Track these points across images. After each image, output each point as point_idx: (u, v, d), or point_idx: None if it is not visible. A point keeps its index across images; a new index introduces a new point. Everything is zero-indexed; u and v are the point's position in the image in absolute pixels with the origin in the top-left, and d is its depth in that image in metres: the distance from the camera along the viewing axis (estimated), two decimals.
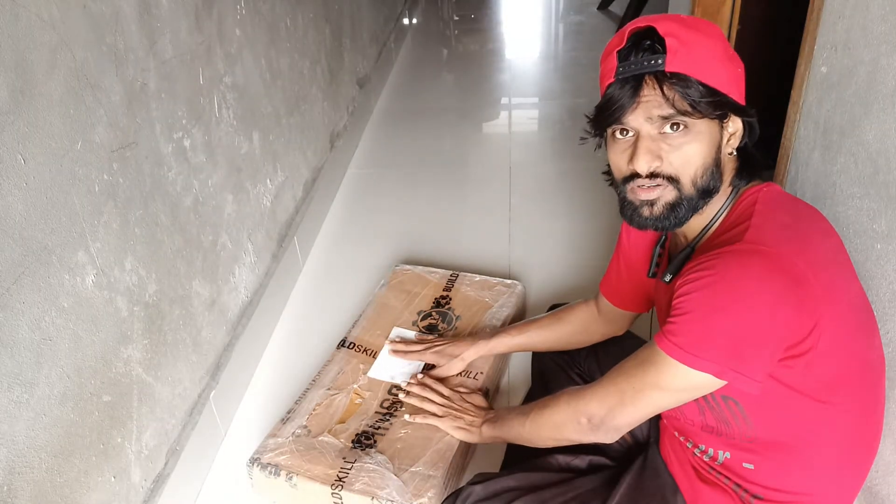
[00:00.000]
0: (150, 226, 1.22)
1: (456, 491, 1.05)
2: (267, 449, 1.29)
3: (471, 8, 4.44)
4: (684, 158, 0.83)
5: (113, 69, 1.10)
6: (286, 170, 1.92)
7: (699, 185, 0.84)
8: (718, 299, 0.77)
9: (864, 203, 1.08)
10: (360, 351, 1.52)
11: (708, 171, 0.84)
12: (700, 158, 0.83)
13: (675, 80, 0.80)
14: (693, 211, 0.86)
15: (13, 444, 0.90)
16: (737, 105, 0.84)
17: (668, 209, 0.85)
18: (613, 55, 0.84)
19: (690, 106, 0.80)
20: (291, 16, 1.98)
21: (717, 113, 0.82)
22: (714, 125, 0.84)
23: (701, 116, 0.81)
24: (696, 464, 0.99)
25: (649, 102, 0.81)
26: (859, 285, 0.91)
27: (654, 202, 0.85)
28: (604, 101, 0.85)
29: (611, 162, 0.89)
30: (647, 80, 0.81)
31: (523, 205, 2.24)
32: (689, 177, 0.84)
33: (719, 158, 0.86)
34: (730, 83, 0.83)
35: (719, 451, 0.93)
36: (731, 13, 1.87)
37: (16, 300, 0.90)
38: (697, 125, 0.82)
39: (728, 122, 0.85)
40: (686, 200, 0.85)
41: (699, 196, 0.85)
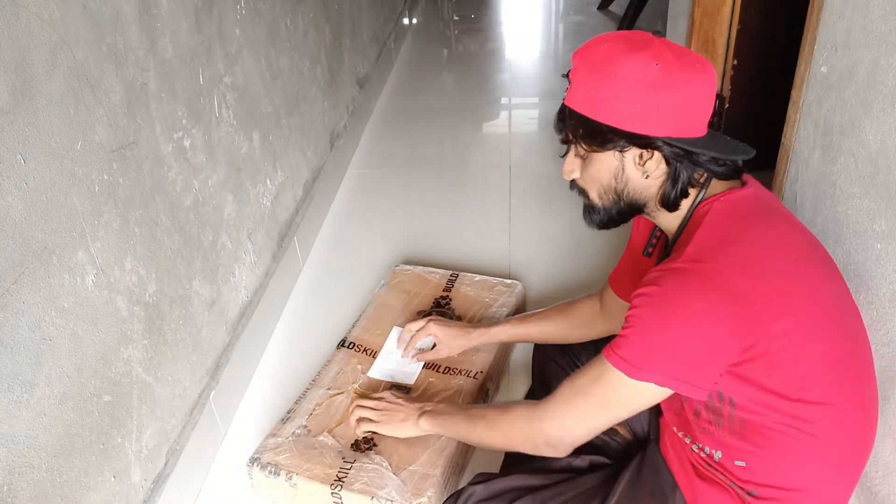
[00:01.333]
0: (150, 226, 1.22)
1: (457, 491, 1.05)
2: (267, 449, 1.29)
3: (471, 8, 4.44)
4: (588, 177, 0.95)
5: (113, 69, 1.10)
6: (286, 170, 1.92)
7: (606, 202, 0.95)
8: (659, 315, 0.83)
9: (864, 203, 1.08)
10: (359, 351, 1.52)
11: (609, 191, 0.94)
12: (597, 181, 0.94)
13: (568, 112, 0.91)
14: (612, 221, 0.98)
15: (13, 444, 0.90)
16: (630, 136, 0.87)
17: (587, 211, 0.99)
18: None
19: (573, 137, 0.92)
20: (291, 16, 1.98)
21: (599, 147, 0.90)
22: (608, 155, 0.91)
23: (589, 147, 0.91)
24: (695, 461, 0.99)
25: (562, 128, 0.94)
26: (841, 288, 0.92)
27: (584, 204, 1.00)
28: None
29: None
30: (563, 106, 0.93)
31: (523, 205, 2.25)
32: (594, 192, 0.96)
33: (624, 181, 0.92)
34: (629, 115, 0.86)
35: (713, 450, 0.94)
36: (731, 13, 1.87)
37: (16, 300, 0.90)
38: (593, 154, 0.92)
39: (626, 153, 0.90)
40: (598, 210, 0.97)
41: (613, 207, 0.95)
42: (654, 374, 0.84)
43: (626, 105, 0.86)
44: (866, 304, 1.07)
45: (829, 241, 1.18)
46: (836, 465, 0.90)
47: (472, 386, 1.40)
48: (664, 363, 0.83)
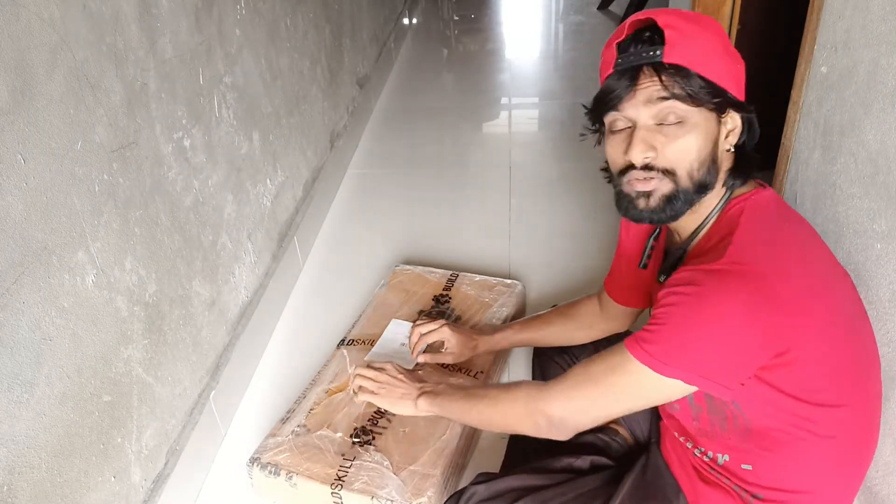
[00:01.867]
0: (150, 226, 1.22)
1: (458, 491, 1.05)
2: (267, 448, 1.29)
3: (471, 8, 4.44)
4: (680, 151, 0.82)
5: (113, 69, 1.10)
6: (286, 170, 1.92)
7: (696, 179, 0.84)
8: (695, 317, 0.79)
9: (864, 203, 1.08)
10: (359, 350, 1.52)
11: (704, 165, 0.84)
12: (696, 151, 0.83)
13: (673, 70, 0.81)
14: (689, 205, 0.86)
15: (13, 444, 0.90)
16: (735, 100, 0.84)
17: (665, 201, 0.85)
18: (613, 47, 0.85)
19: (688, 95, 0.81)
20: (291, 16, 1.98)
21: (715, 101, 0.82)
22: (711, 118, 0.83)
23: (698, 105, 0.81)
24: (697, 464, 0.99)
25: (647, 89, 0.82)
26: (850, 288, 0.92)
27: (651, 194, 0.85)
28: (602, 90, 0.86)
29: (608, 155, 0.90)
30: (644, 70, 0.82)
31: (523, 205, 2.24)
32: (685, 169, 0.83)
33: (716, 153, 0.85)
34: (729, 78, 0.83)
35: (718, 453, 0.93)
36: (731, 13, 1.87)
37: (16, 300, 0.90)
38: (694, 117, 0.82)
39: (726, 118, 0.85)
40: (682, 193, 0.84)
41: (695, 190, 0.85)
42: (684, 371, 0.80)
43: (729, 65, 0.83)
44: (866, 304, 1.07)
45: (829, 241, 1.18)
46: (842, 465, 0.90)
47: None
48: (697, 361, 0.80)
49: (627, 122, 0.85)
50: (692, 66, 0.80)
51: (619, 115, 0.85)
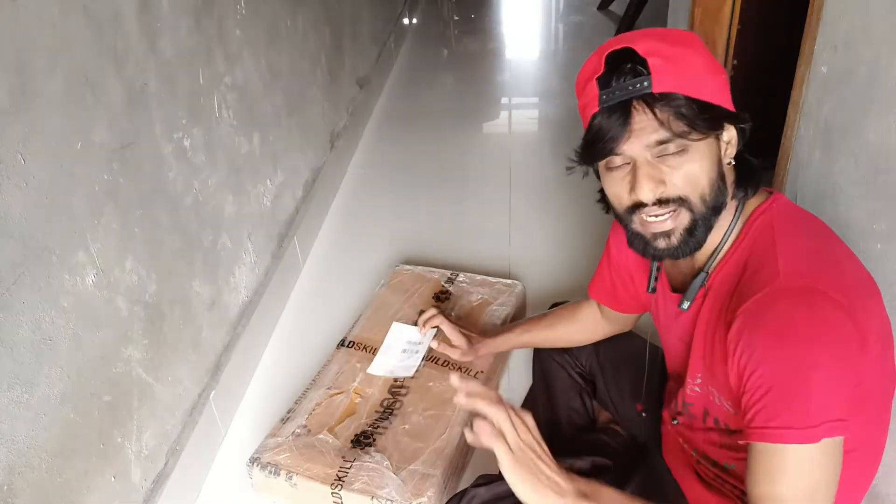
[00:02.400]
0: (150, 226, 1.22)
1: (460, 493, 1.05)
2: (267, 448, 1.29)
3: (471, 8, 4.44)
4: (688, 178, 0.78)
5: (113, 69, 1.10)
6: (286, 170, 1.92)
7: (709, 202, 0.80)
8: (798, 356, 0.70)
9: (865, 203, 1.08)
10: (359, 350, 1.52)
11: (714, 187, 0.80)
12: (705, 176, 0.79)
13: (665, 100, 0.75)
14: (709, 230, 0.81)
15: (13, 444, 0.90)
16: (730, 114, 0.81)
17: (686, 235, 0.80)
18: (593, 82, 0.79)
19: (687, 126, 0.76)
20: (291, 16, 1.98)
21: (712, 124, 0.78)
22: (711, 139, 0.79)
23: (700, 136, 0.77)
24: (700, 469, 0.98)
25: (643, 129, 0.76)
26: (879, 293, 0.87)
27: (671, 233, 0.80)
28: (592, 133, 0.80)
29: (609, 194, 0.85)
30: (635, 105, 0.76)
31: (523, 205, 2.24)
32: (697, 194, 0.79)
33: (722, 172, 0.81)
34: (718, 93, 0.80)
35: (724, 462, 0.93)
36: (731, 13, 1.87)
37: (16, 300, 0.90)
38: (695, 143, 0.77)
39: (723, 133, 0.82)
40: (701, 220, 0.80)
41: (711, 213, 0.80)
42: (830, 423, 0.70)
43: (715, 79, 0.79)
44: None
45: None
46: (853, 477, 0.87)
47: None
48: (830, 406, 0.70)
49: (625, 159, 0.80)
50: (683, 92, 0.75)
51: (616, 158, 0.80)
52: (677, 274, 0.96)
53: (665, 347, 1.05)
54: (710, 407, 0.91)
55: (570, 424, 1.30)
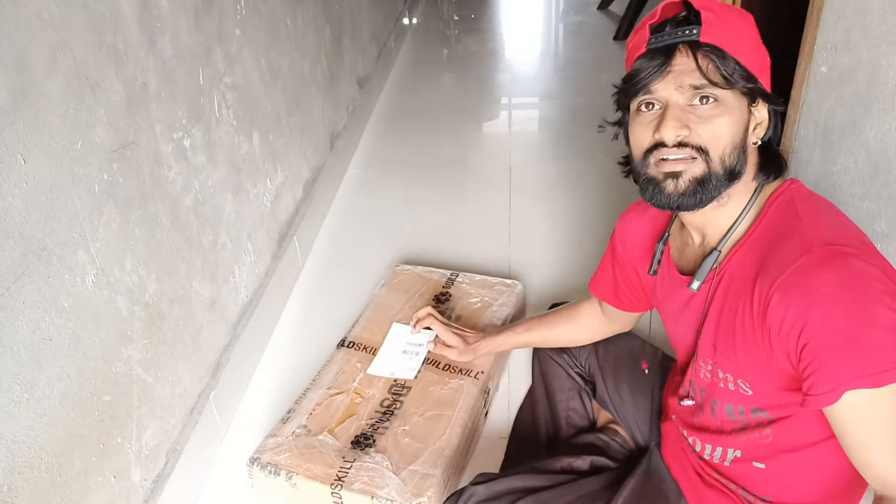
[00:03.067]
0: (150, 226, 1.22)
1: (458, 491, 1.05)
2: (267, 448, 1.29)
3: (471, 8, 4.44)
4: (714, 132, 0.79)
5: (113, 69, 1.10)
6: (286, 170, 1.92)
7: (727, 164, 0.80)
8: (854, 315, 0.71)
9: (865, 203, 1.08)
10: (359, 350, 1.52)
11: (736, 150, 0.80)
12: (729, 135, 0.79)
13: (709, 49, 0.77)
14: (718, 191, 0.81)
15: (13, 444, 0.90)
16: (765, 91, 0.82)
17: (696, 184, 0.80)
18: (646, 28, 0.81)
19: (723, 77, 0.77)
20: (291, 16, 1.98)
21: (749, 87, 0.79)
22: (743, 104, 0.81)
23: (731, 87, 0.78)
24: (700, 468, 0.98)
25: (681, 71, 0.78)
26: None
27: (680, 175, 0.80)
28: (633, 70, 0.82)
29: (632, 137, 0.85)
30: (679, 48, 0.78)
31: (523, 205, 2.24)
32: (718, 151, 0.79)
33: (746, 142, 0.82)
34: (760, 68, 0.81)
35: (729, 449, 0.92)
36: None
37: (16, 300, 0.90)
38: (728, 99, 0.79)
39: (755, 109, 0.82)
40: (714, 177, 0.80)
41: (725, 176, 0.81)
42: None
43: (760, 53, 0.81)
44: None
45: None
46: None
47: (474, 386, 1.40)
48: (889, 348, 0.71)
49: (658, 102, 0.81)
50: (728, 49, 0.78)
51: (649, 97, 0.81)
52: (687, 261, 0.95)
53: (673, 339, 1.04)
54: (720, 394, 0.90)
55: (570, 424, 1.31)
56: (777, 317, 0.76)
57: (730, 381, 0.87)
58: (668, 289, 0.99)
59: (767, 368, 0.81)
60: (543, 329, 1.29)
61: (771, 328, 0.77)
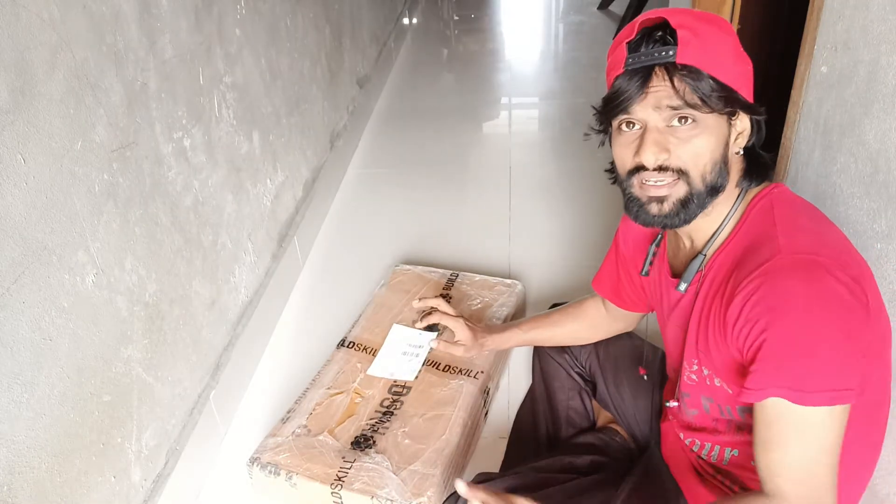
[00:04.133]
0: (150, 226, 1.22)
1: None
2: (267, 448, 1.29)
3: (471, 8, 4.44)
4: (693, 152, 0.81)
5: (113, 69, 1.10)
6: (286, 170, 1.92)
7: (708, 181, 0.82)
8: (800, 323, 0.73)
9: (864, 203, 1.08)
10: (359, 350, 1.52)
11: (717, 166, 0.82)
12: (709, 153, 0.81)
13: (686, 72, 0.78)
14: (702, 208, 0.84)
15: (13, 444, 0.90)
16: (746, 102, 0.83)
17: (679, 206, 0.83)
18: (623, 46, 0.82)
19: (700, 99, 0.79)
20: (291, 16, 1.98)
21: (727, 109, 0.81)
22: (723, 121, 0.82)
23: (710, 111, 0.80)
24: (699, 466, 0.99)
25: (658, 93, 0.79)
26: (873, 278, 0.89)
27: (664, 199, 0.83)
28: (611, 91, 0.83)
29: (615, 156, 0.87)
30: (656, 71, 0.79)
31: (523, 205, 2.24)
32: (698, 171, 0.81)
33: (727, 156, 0.84)
34: (739, 80, 0.82)
35: (726, 448, 0.93)
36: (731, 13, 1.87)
37: (16, 300, 0.90)
38: (706, 119, 0.80)
39: (736, 120, 0.83)
40: (696, 196, 0.82)
41: (708, 192, 0.83)
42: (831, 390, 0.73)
43: (741, 68, 0.81)
44: None
45: None
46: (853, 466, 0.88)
47: (473, 386, 1.40)
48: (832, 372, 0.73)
49: (637, 122, 0.83)
50: (704, 68, 0.78)
51: (629, 118, 0.83)
52: (679, 262, 0.97)
53: (666, 340, 1.05)
54: (708, 392, 0.91)
55: (570, 424, 1.31)
56: (734, 315, 0.78)
57: (714, 378, 0.89)
58: (660, 289, 1.01)
59: (729, 364, 0.84)
60: (548, 327, 1.29)
61: (728, 324, 0.79)
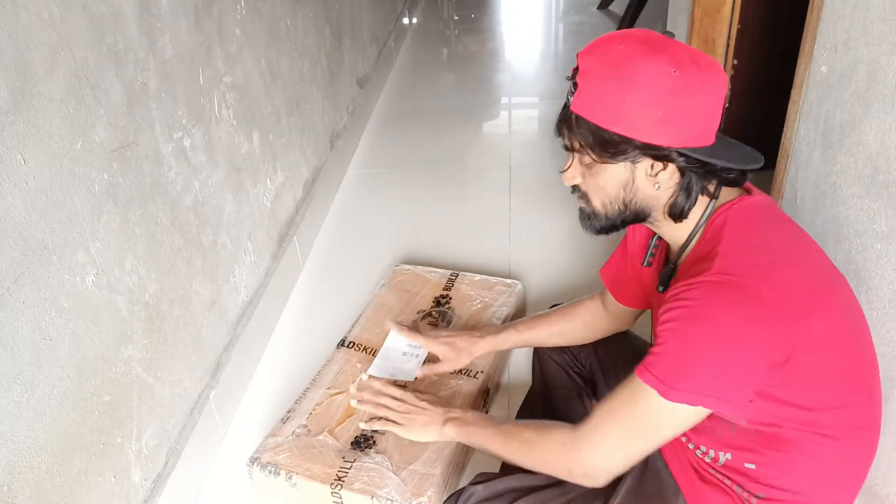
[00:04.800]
0: (150, 226, 1.22)
1: (458, 491, 1.05)
2: (267, 448, 1.29)
3: (471, 8, 4.44)
4: (593, 186, 0.91)
5: (113, 69, 1.10)
6: (286, 170, 1.92)
7: (610, 213, 0.92)
8: (693, 332, 0.80)
9: (864, 203, 1.08)
10: (359, 350, 1.52)
11: (617, 202, 0.90)
12: (603, 192, 0.90)
13: (575, 121, 0.86)
14: (614, 228, 0.94)
15: (13, 444, 0.90)
16: (650, 148, 0.83)
17: (584, 217, 0.95)
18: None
19: (583, 149, 0.87)
20: (291, 16, 1.98)
21: (611, 159, 0.85)
22: (619, 166, 0.86)
23: (595, 159, 0.86)
24: (697, 464, 0.99)
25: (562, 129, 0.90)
26: (846, 288, 0.92)
27: (581, 209, 0.96)
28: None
29: None
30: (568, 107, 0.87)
31: (523, 205, 2.25)
32: (598, 202, 0.92)
33: (634, 192, 0.88)
34: (647, 126, 0.81)
35: (720, 452, 0.93)
36: (731, 13, 1.87)
37: (16, 300, 0.90)
38: (594, 164, 0.87)
39: (640, 163, 0.86)
40: (598, 217, 0.93)
41: (620, 218, 0.92)
42: (689, 393, 0.80)
43: (642, 114, 0.81)
44: (866, 305, 1.07)
45: (829, 241, 1.18)
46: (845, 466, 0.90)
47: (473, 386, 1.40)
48: (702, 381, 0.80)
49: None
50: (594, 118, 0.83)
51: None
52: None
53: None
54: None
55: None
56: (657, 322, 0.85)
57: None
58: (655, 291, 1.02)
59: None
60: (544, 326, 1.30)
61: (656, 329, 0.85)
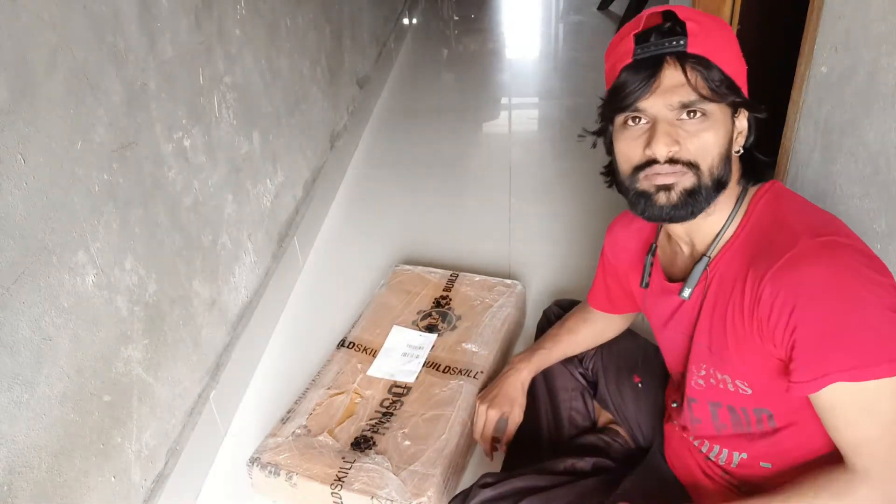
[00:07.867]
0: (150, 226, 1.22)
1: (464, 492, 1.05)
2: (267, 448, 1.29)
3: (471, 8, 4.44)
4: (703, 145, 0.80)
5: (113, 69, 1.10)
6: (286, 170, 1.92)
7: (715, 175, 0.81)
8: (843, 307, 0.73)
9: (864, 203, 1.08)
10: (359, 350, 1.52)
11: (723, 161, 0.82)
12: (717, 147, 0.80)
13: (696, 61, 0.78)
14: (708, 202, 0.82)
15: (13, 444, 0.90)
16: (747, 100, 0.83)
17: (687, 196, 0.81)
18: (630, 38, 0.81)
19: (711, 89, 0.78)
20: (291, 16, 1.98)
21: (735, 99, 0.80)
22: (727, 115, 0.81)
23: (720, 100, 0.79)
24: (706, 468, 0.98)
25: (670, 86, 0.78)
26: None
27: (672, 187, 0.81)
28: (619, 83, 0.81)
29: (620, 152, 0.85)
30: (667, 60, 0.78)
31: (523, 205, 2.24)
32: (707, 164, 0.80)
33: (730, 151, 0.83)
34: (740, 78, 0.83)
35: (734, 451, 0.92)
36: (731, 13, 1.87)
37: (16, 300, 0.90)
38: (715, 112, 0.80)
39: (738, 118, 0.83)
40: (704, 189, 0.81)
41: (714, 187, 0.82)
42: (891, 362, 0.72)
43: (740, 62, 0.82)
44: None
45: None
46: None
47: (473, 386, 1.40)
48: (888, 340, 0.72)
49: (646, 116, 0.81)
50: (713, 59, 0.78)
51: (636, 113, 0.81)
52: (677, 269, 0.96)
53: (663, 347, 1.05)
54: (718, 397, 0.91)
55: (572, 424, 1.30)
56: (767, 306, 0.77)
57: (728, 382, 0.88)
58: (657, 297, 1.00)
59: (759, 361, 0.82)
60: (567, 336, 1.26)
61: (761, 318, 0.78)
